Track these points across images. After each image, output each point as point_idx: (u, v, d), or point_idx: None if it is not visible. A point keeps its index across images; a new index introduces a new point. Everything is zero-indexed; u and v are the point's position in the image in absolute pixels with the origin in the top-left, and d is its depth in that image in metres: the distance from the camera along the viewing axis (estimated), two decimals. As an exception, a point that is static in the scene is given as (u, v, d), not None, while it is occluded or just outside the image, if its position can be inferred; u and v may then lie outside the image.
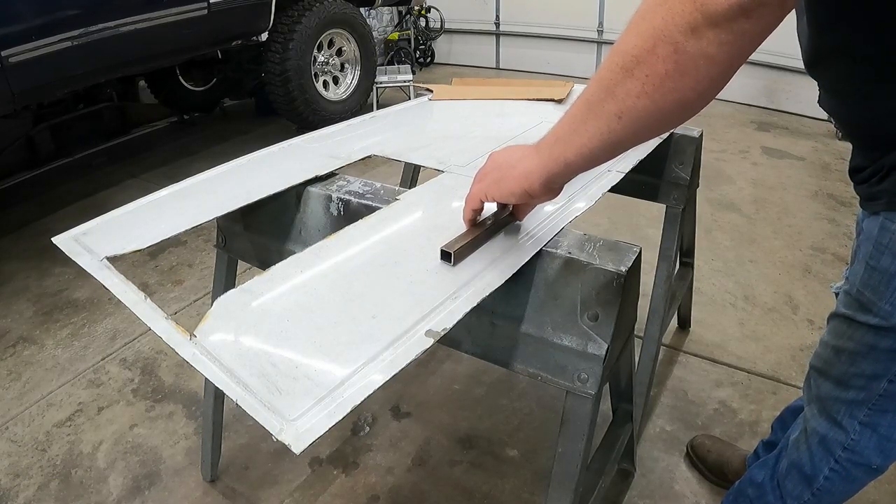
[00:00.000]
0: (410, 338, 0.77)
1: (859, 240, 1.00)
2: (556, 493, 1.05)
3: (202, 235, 2.97)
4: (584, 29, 5.81)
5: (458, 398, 1.93)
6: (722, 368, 2.04)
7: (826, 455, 1.09)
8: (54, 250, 1.04)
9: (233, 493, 1.64)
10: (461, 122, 1.67)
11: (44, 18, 2.65)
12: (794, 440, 1.17)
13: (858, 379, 1.00)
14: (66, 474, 1.72)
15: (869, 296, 0.95)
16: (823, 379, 1.07)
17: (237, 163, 1.36)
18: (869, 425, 1.02)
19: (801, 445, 1.14)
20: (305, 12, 4.00)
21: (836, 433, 1.06)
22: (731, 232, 2.94)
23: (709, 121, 4.57)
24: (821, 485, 1.11)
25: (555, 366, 0.98)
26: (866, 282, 0.95)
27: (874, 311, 0.94)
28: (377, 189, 1.20)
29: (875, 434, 1.02)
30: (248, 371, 0.72)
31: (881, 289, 0.93)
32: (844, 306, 1.01)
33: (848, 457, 1.06)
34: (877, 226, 0.92)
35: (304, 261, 0.94)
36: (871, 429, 1.02)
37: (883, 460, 1.04)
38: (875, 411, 1.00)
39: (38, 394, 2.02)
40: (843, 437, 1.05)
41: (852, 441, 1.04)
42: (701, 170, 1.72)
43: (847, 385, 1.02)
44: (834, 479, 1.09)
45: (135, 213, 1.16)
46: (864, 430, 1.02)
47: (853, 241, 1.20)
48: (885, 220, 0.91)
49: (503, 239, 0.98)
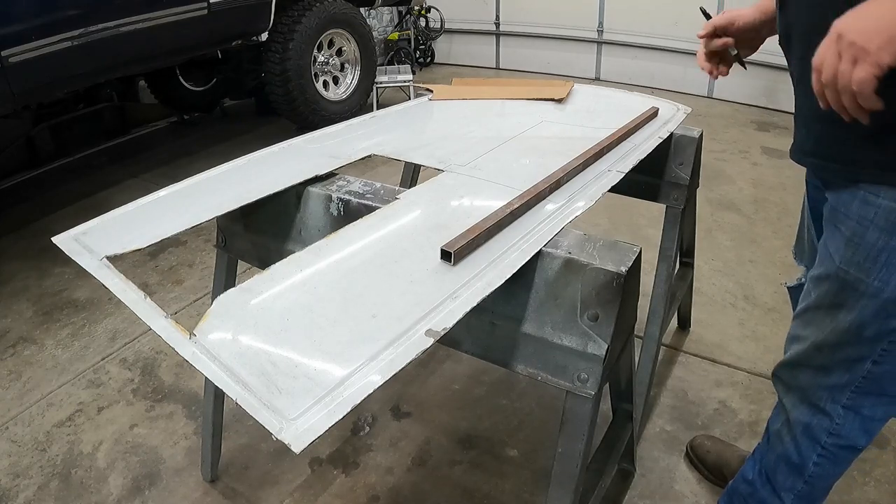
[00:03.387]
0: (410, 337, 0.77)
1: (829, 220, 0.97)
2: (556, 493, 1.05)
3: (202, 235, 2.97)
4: (584, 29, 5.81)
5: (458, 398, 1.93)
6: (722, 368, 2.04)
7: (812, 443, 1.09)
8: (54, 250, 1.05)
9: (233, 493, 1.64)
10: (461, 122, 1.67)
11: (44, 18, 2.65)
12: (776, 432, 1.16)
13: (841, 364, 1.00)
14: (66, 474, 1.71)
15: (855, 273, 0.93)
16: (801, 369, 1.07)
17: (237, 163, 1.36)
18: (852, 408, 1.02)
19: (784, 437, 1.14)
20: (305, 12, 4.00)
21: (820, 420, 1.06)
22: (731, 232, 2.94)
23: (709, 121, 4.57)
24: (811, 472, 1.11)
25: (555, 366, 0.98)
26: (850, 259, 0.93)
27: (861, 288, 0.93)
28: (377, 189, 1.20)
29: (858, 416, 1.02)
30: (248, 370, 0.72)
31: (867, 265, 0.91)
32: (821, 296, 0.99)
33: (834, 441, 1.06)
34: (856, 200, 0.91)
35: (304, 260, 0.94)
36: (855, 411, 1.02)
37: (868, 439, 1.05)
38: (858, 394, 1.00)
39: (38, 394, 2.02)
40: (828, 422, 1.05)
41: (837, 426, 1.04)
42: (701, 170, 1.72)
43: (829, 371, 1.02)
44: (823, 465, 1.10)
45: (135, 213, 1.16)
46: (848, 414, 1.03)
47: (805, 228, 1.19)
48: (867, 193, 0.89)
49: (503, 239, 0.98)
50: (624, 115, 1.58)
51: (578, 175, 1.24)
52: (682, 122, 1.65)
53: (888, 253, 0.89)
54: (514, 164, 1.31)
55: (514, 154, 1.38)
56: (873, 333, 0.94)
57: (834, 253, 0.96)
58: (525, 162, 1.33)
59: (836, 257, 0.95)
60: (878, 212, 0.88)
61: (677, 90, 5.16)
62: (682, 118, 1.67)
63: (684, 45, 5.05)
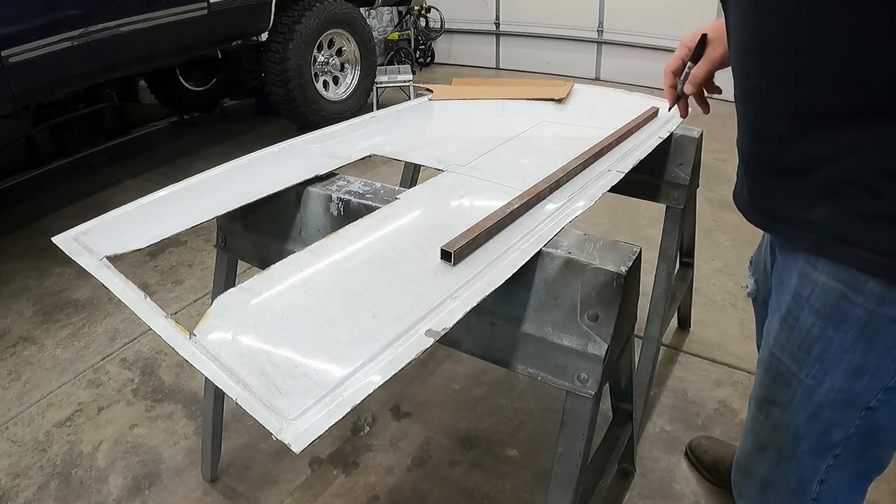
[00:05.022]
0: (410, 337, 0.77)
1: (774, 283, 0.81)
2: (556, 493, 1.05)
3: (202, 235, 2.97)
4: (584, 29, 5.81)
5: (458, 398, 1.93)
6: (722, 368, 2.03)
7: None
8: (54, 250, 1.04)
9: (233, 493, 1.64)
10: (461, 122, 1.67)
11: (44, 18, 2.65)
12: None
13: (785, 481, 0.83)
14: (66, 474, 1.71)
15: (787, 363, 0.76)
16: (749, 479, 0.90)
17: (237, 163, 1.36)
18: None
19: None
20: (305, 12, 4.00)
21: None
22: (731, 232, 2.94)
23: (709, 121, 4.56)
24: None
25: (555, 366, 0.98)
26: (783, 345, 0.77)
27: (793, 384, 0.76)
28: (377, 189, 1.20)
29: None
30: (248, 370, 0.72)
31: (800, 355, 0.74)
32: (756, 383, 0.84)
33: None
34: (796, 269, 0.74)
35: (304, 260, 0.94)
36: None
37: None
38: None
39: (38, 394, 2.02)
40: None
41: None
42: (701, 170, 1.72)
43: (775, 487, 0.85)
44: None
45: (135, 213, 1.16)
46: None
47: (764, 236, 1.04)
48: (805, 264, 0.72)
49: (503, 239, 0.98)
50: (624, 115, 1.58)
51: (578, 175, 1.24)
52: (682, 122, 1.65)
53: (823, 344, 0.72)
54: (514, 164, 1.31)
55: (514, 154, 1.38)
56: (811, 448, 0.77)
57: (772, 330, 0.80)
58: (525, 162, 1.33)
59: (770, 336, 0.80)
60: (815, 290, 0.71)
61: (677, 90, 5.15)
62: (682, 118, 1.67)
63: (684, 45, 5.04)
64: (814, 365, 0.73)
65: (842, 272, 0.68)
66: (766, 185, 0.76)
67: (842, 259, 0.67)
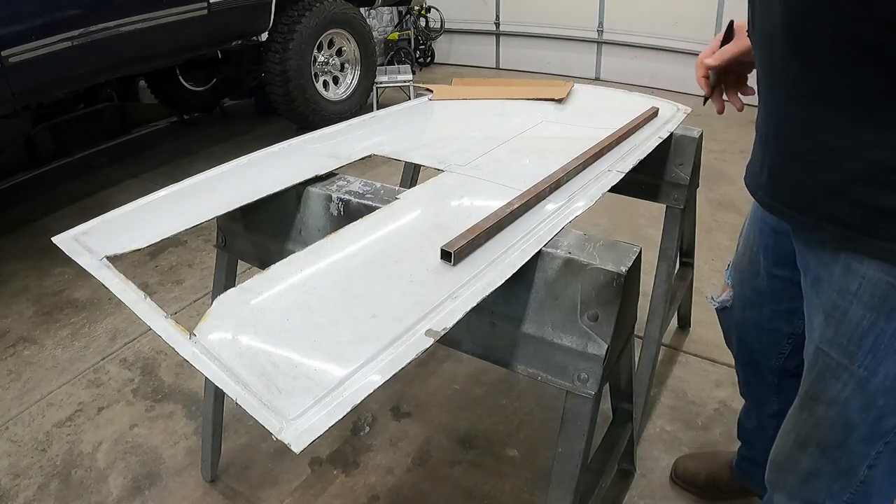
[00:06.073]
0: (410, 337, 0.77)
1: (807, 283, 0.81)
2: (556, 493, 1.05)
3: (202, 235, 2.97)
4: (584, 29, 5.80)
5: (458, 398, 1.93)
6: (722, 368, 2.03)
7: None
8: (54, 250, 1.04)
9: (233, 493, 1.64)
10: (461, 122, 1.67)
11: (44, 18, 2.65)
12: None
13: (830, 471, 0.84)
14: (66, 474, 1.71)
15: (837, 357, 0.77)
16: (786, 474, 0.92)
17: (237, 163, 1.36)
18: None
19: None
20: (305, 12, 4.00)
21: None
22: (731, 232, 2.94)
23: (709, 121, 4.55)
24: None
25: (555, 366, 0.98)
26: (832, 340, 0.77)
27: (844, 378, 0.77)
28: (377, 189, 1.20)
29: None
30: (248, 370, 0.72)
31: (852, 348, 0.75)
32: (804, 382, 0.83)
33: None
34: (837, 268, 0.74)
35: (304, 260, 0.94)
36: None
37: None
38: (858, 496, 0.84)
39: (38, 394, 2.02)
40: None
41: None
42: (701, 170, 1.72)
43: (819, 476, 0.86)
44: None
45: (135, 213, 1.16)
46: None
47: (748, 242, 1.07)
48: (849, 258, 0.73)
49: (503, 239, 0.98)
50: (624, 115, 1.58)
51: (578, 175, 1.24)
52: (682, 122, 1.65)
53: (875, 335, 0.73)
54: (514, 164, 1.31)
55: (514, 154, 1.38)
56: (863, 435, 0.79)
57: (816, 327, 0.81)
58: (525, 162, 1.32)
59: (815, 334, 0.80)
60: (863, 284, 0.72)
61: (677, 90, 5.14)
62: (682, 118, 1.67)
63: (684, 45, 5.04)
64: (866, 356, 0.74)
65: (888, 266, 0.70)
66: (796, 177, 0.77)
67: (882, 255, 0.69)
